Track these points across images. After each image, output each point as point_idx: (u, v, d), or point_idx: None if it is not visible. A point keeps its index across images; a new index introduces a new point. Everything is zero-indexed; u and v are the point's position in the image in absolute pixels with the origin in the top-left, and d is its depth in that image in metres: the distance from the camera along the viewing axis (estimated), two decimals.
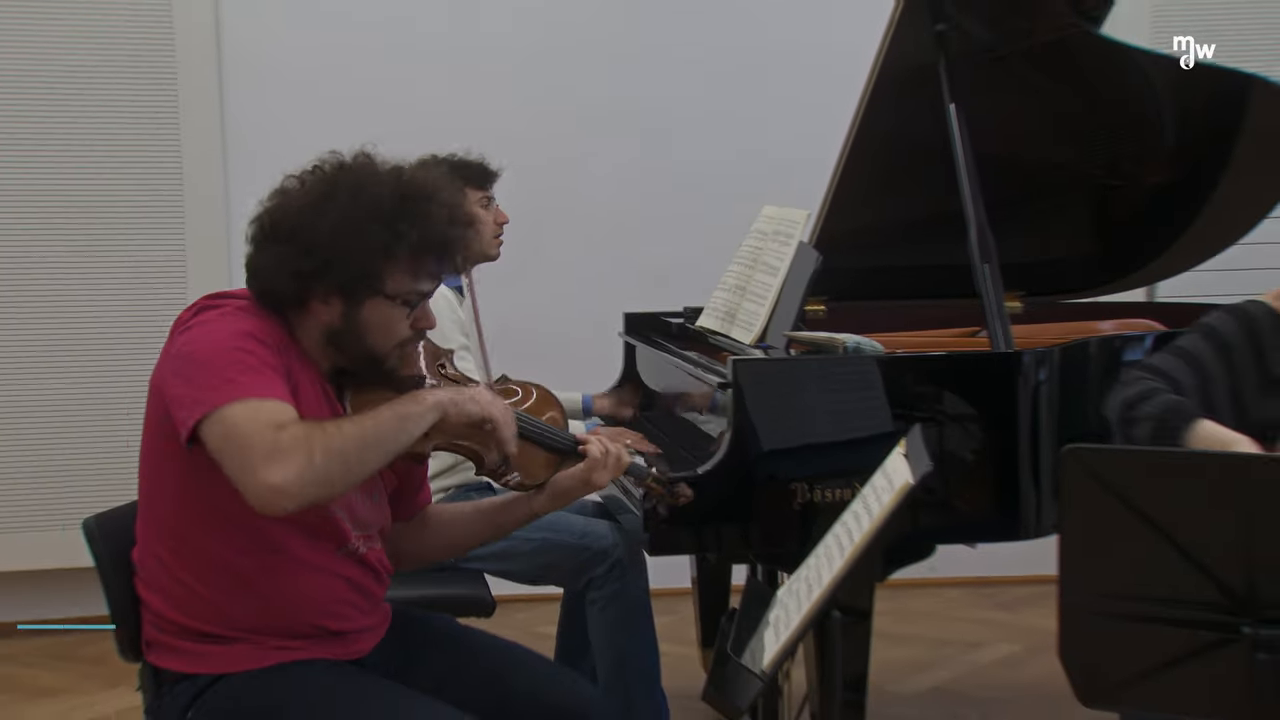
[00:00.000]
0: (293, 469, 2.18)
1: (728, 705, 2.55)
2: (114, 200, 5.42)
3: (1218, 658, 2.21)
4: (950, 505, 3.49)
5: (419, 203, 2.43)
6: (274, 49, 5.52)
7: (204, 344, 2.34)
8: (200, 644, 2.44)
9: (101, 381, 5.39)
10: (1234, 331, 3.01)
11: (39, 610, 5.19)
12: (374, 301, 2.43)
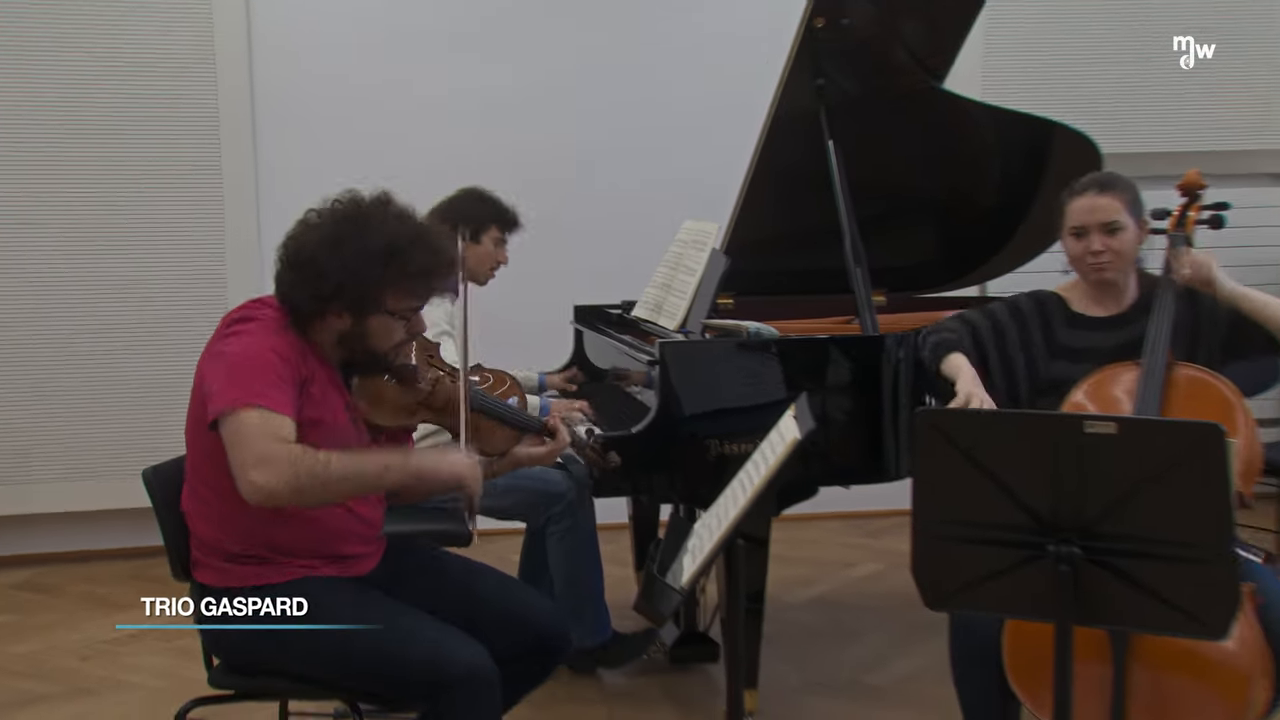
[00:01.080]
0: (275, 477, 2.26)
1: (654, 614, 2.61)
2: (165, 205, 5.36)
3: (1030, 569, 2.25)
4: (830, 455, 3.53)
5: (412, 246, 2.49)
6: (296, 99, 5.49)
7: (240, 351, 2.40)
8: (236, 564, 2.50)
9: (153, 359, 5.33)
10: (1030, 306, 3.11)
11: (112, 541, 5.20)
12: (376, 316, 2.51)
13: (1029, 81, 5.72)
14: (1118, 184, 3.01)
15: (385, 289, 2.49)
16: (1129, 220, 2.98)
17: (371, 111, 5.51)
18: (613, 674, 4.04)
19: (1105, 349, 2.99)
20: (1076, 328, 3.07)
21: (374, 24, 5.56)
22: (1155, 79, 5.97)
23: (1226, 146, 6.00)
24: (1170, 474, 2.15)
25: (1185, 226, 3.11)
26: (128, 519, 4.79)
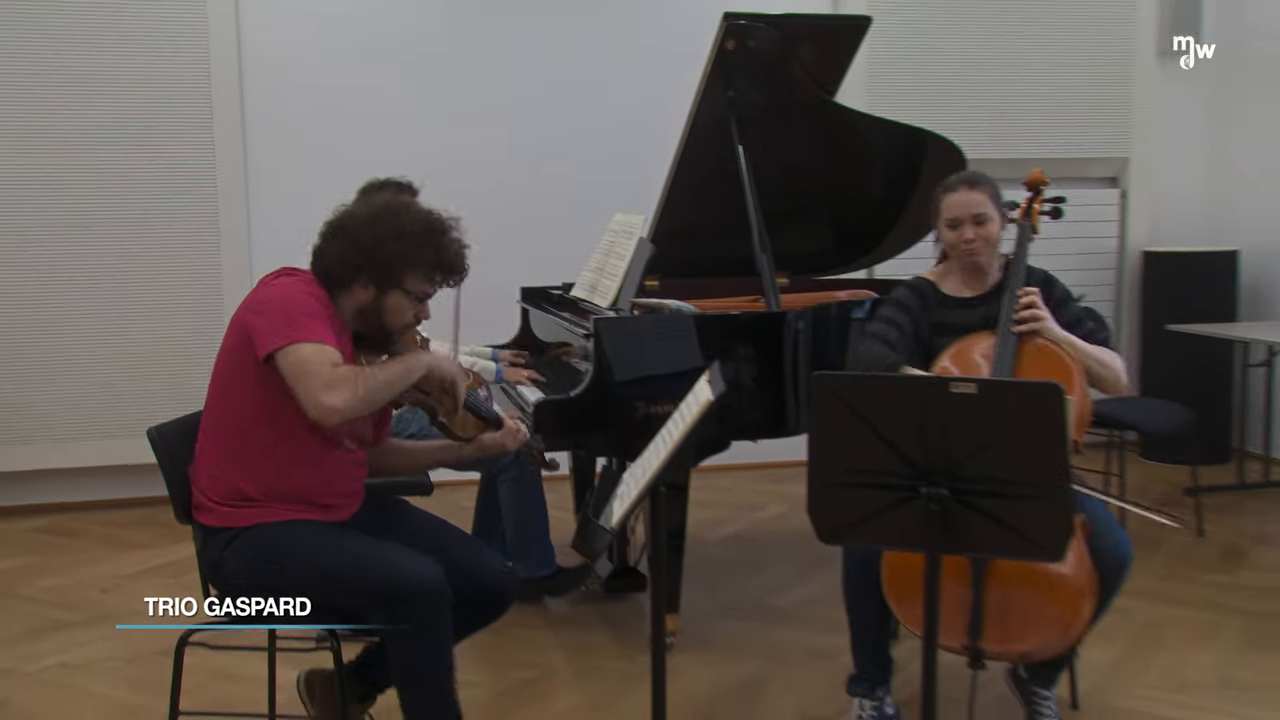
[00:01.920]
0: (344, 395, 2.34)
1: (589, 550, 2.66)
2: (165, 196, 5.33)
3: (905, 508, 2.31)
4: (740, 414, 3.59)
5: (439, 234, 2.56)
6: (281, 103, 5.45)
7: (286, 295, 2.47)
8: (235, 507, 2.52)
9: (155, 336, 5.29)
10: (909, 296, 3.15)
11: (126, 491, 5.19)
12: (395, 293, 2.55)
13: (907, 95, 5.78)
14: (984, 181, 3.07)
15: (409, 268, 2.53)
16: (994, 212, 3.05)
17: (348, 116, 5.47)
18: (556, 602, 4.08)
19: (972, 323, 3.04)
20: (947, 307, 3.12)
21: (350, 39, 5.51)
22: (1010, 96, 6.07)
23: (1067, 154, 6.12)
24: (1019, 426, 2.22)
25: (1031, 216, 3.20)
26: (139, 472, 4.73)
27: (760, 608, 4.07)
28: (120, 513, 5.20)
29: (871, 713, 2.97)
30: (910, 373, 2.95)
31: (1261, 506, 5.28)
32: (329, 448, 2.58)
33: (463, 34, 5.62)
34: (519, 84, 5.64)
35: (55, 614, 4.07)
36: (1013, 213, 3.17)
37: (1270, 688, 3.38)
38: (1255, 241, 6.04)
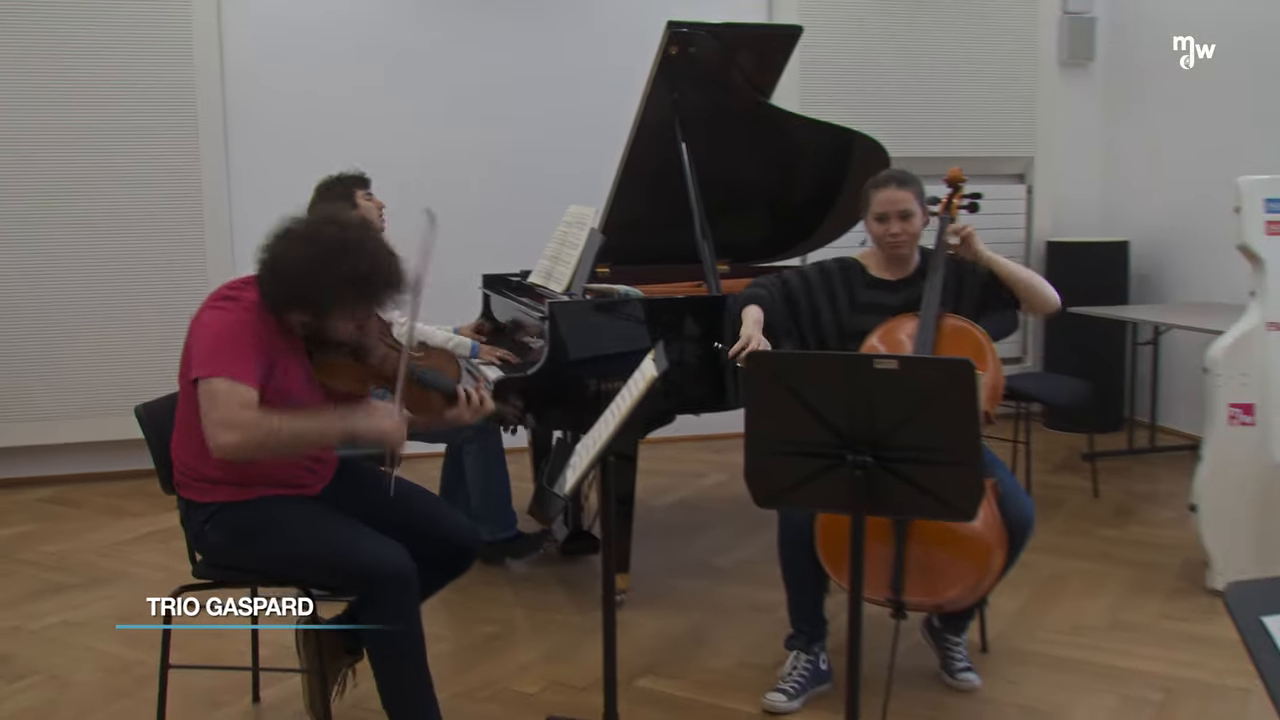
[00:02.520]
0: (236, 439, 2.25)
1: (543, 515, 2.63)
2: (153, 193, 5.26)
3: (834, 474, 2.29)
4: (684, 390, 3.57)
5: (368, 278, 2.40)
6: (260, 110, 5.36)
7: (220, 324, 2.37)
8: (213, 485, 2.47)
9: (142, 323, 5.25)
10: (836, 269, 3.14)
11: (122, 465, 5.13)
12: (330, 318, 2.44)
13: (836, 98, 5.76)
14: (912, 181, 3.05)
15: (339, 307, 2.41)
16: (918, 209, 3.03)
17: (324, 116, 5.39)
18: (517, 563, 4.04)
19: (895, 304, 3.05)
20: (873, 288, 3.11)
21: (326, 45, 5.42)
22: (929, 100, 6.08)
23: (980, 153, 6.13)
24: (935, 399, 2.21)
25: (951, 210, 3.19)
26: (135, 446, 4.71)
27: (703, 567, 4.06)
28: (118, 484, 5.15)
29: (806, 667, 2.97)
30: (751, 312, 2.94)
31: (1148, 469, 5.35)
32: None
33: (430, 41, 5.55)
34: (482, 87, 5.59)
35: (57, 577, 4.03)
36: (934, 207, 3.16)
37: (1152, 627, 3.44)
38: (1143, 233, 6.10)
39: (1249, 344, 3.58)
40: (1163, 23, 5.98)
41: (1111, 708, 2.91)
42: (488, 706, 2.96)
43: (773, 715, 2.88)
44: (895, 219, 3.02)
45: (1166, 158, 5.98)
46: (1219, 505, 3.61)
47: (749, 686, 3.03)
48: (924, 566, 2.73)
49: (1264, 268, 3.58)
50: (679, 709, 2.94)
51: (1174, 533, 4.30)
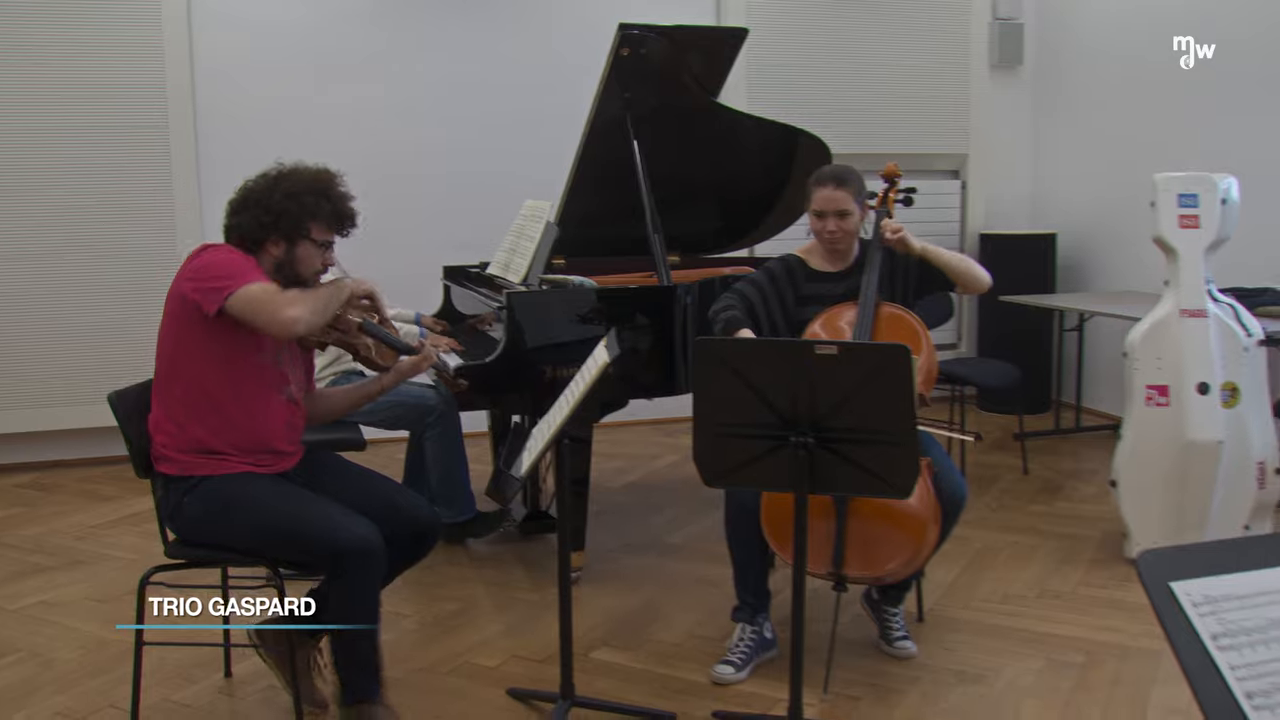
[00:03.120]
0: (302, 308, 2.38)
1: (500, 496, 2.64)
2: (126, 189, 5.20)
3: (777, 454, 2.33)
4: (636, 376, 3.58)
5: (331, 186, 2.58)
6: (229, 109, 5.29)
7: (218, 258, 2.47)
8: (193, 458, 2.48)
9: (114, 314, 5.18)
10: (780, 269, 3.15)
11: (99, 451, 5.09)
12: (303, 243, 2.54)
13: (781, 97, 5.78)
14: (850, 180, 3.07)
15: (311, 219, 2.54)
16: (856, 207, 3.05)
17: (291, 116, 5.33)
18: (477, 543, 4.03)
19: (836, 294, 3.08)
20: (815, 281, 3.13)
21: (292, 47, 5.37)
22: (870, 99, 6.12)
23: (917, 150, 6.19)
24: (873, 382, 2.25)
25: (888, 204, 3.23)
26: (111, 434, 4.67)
27: (656, 544, 4.08)
28: (93, 469, 5.12)
29: (752, 636, 2.99)
30: (744, 335, 2.96)
31: (1074, 448, 5.44)
32: (275, 396, 2.55)
33: (394, 43, 5.50)
34: (444, 88, 5.55)
35: (36, 559, 3.99)
36: (871, 200, 3.20)
37: (1076, 595, 3.51)
38: (1069, 226, 6.19)
39: (1164, 330, 3.65)
40: (1085, 28, 6.08)
41: (1038, 670, 2.97)
42: (450, 680, 2.96)
43: (722, 686, 2.90)
44: (832, 217, 3.04)
45: (1090, 156, 6.08)
46: (1136, 480, 3.69)
47: (699, 657, 3.05)
48: (864, 541, 2.77)
49: (1177, 259, 3.66)
50: (632, 679, 2.95)
51: (1096, 507, 4.38)
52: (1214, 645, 1.19)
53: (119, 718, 2.65)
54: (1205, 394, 3.57)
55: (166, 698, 2.84)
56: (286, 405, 2.60)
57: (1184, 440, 3.59)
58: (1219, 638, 1.19)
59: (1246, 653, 1.18)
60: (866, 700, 2.80)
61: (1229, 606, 1.21)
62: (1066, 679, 2.91)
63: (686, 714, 2.73)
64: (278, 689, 2.77)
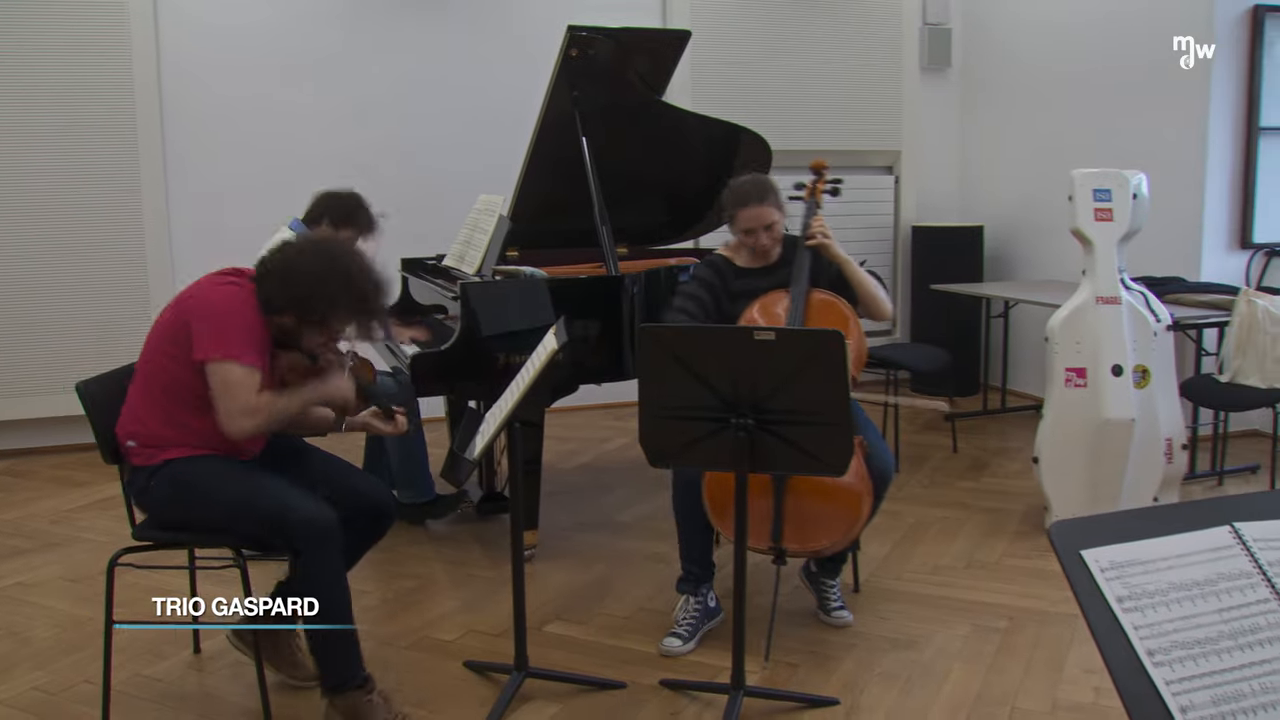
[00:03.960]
0: (257, 422, 2.34)
1: (454, 479, 2.62)
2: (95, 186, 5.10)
3: (719, 436, 2.35)
4: (586, 362, 3.57)
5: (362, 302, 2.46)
6: (195, 108, 5.20)
7: (229, 307, 2.39)
8: (160, 445, 2.45)
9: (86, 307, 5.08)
10: (708, 271, 3.15)
11: (72, 439, 5.01)
12: (313, 327, 2.47)
13: (724, 96, 5.80)
14: (770, 192, 3.05)
15: (337, 317, 2.46)
16: (779, 216, 3.06)
17: (254, 115, 5.27)
18: (436, 524, 4.02)
19: (764, 288, 3.07)
20: (742, 277, 3.12)
21: (256, 48, 5.28)
22: (808, 98, 6.15)
23: (853, 147, 6.24)
24: (809, 366, 2.26)
25: (816, 195, 3.24)
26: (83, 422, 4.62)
27: (607, 522, 4.08)
28: (66, 456, 5.06)
29: (697, 605, 3.01)
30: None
31: (1001, 427, 5.53)
32: None
33: (354, 44, 5.43)
34: (402, 86, 5.50)
35: (13, 542, 3.94)
36: (800, 192, 3.21)
37: (1001, 565, 3.57)
38: (995, 219, 6.27)
39: (1082, 316, 3.72)
40: (1007, 34, 6.15)
41: (964, 635, 3.02)
42: (409, 653, 2.95)
43: (670, 658, 2.91)
44: (762, 232, 3.04)
45: (1013, 153, 6.16)
46: (1056, 457, 3.75)
47: (648, 629, 3.06)
48: (801, 517, 2.79)
49: (1093, 249, 3.72)
50: (584, 651, 2.96)
51: (1020, 482, 4.46)
52: (1119, 607, 1.21)
53: (93, 692, 2.63)
54: (1119, 376, 3.64)
55: (138, 673, 2.83)
56: None
57: (1100, 419, 3.65)
58: (1124, 600, 1.22)
59: (1149, 614, 1.21)
60: (805, 667, 2.83)
61: (1133, 571, 1.24)
62: (991, 643, 2.96)
63: (636, 683, 2.74)
64: (245, 664, 2.75)
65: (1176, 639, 1.19)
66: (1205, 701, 1.14)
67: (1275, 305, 4.09)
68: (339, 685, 2.47)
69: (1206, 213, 4.95)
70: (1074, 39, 5.62)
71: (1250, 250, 4.76)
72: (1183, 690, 1.15)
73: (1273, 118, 4.95)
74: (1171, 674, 1.16)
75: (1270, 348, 4.06)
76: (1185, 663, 1.17)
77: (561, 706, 2.64)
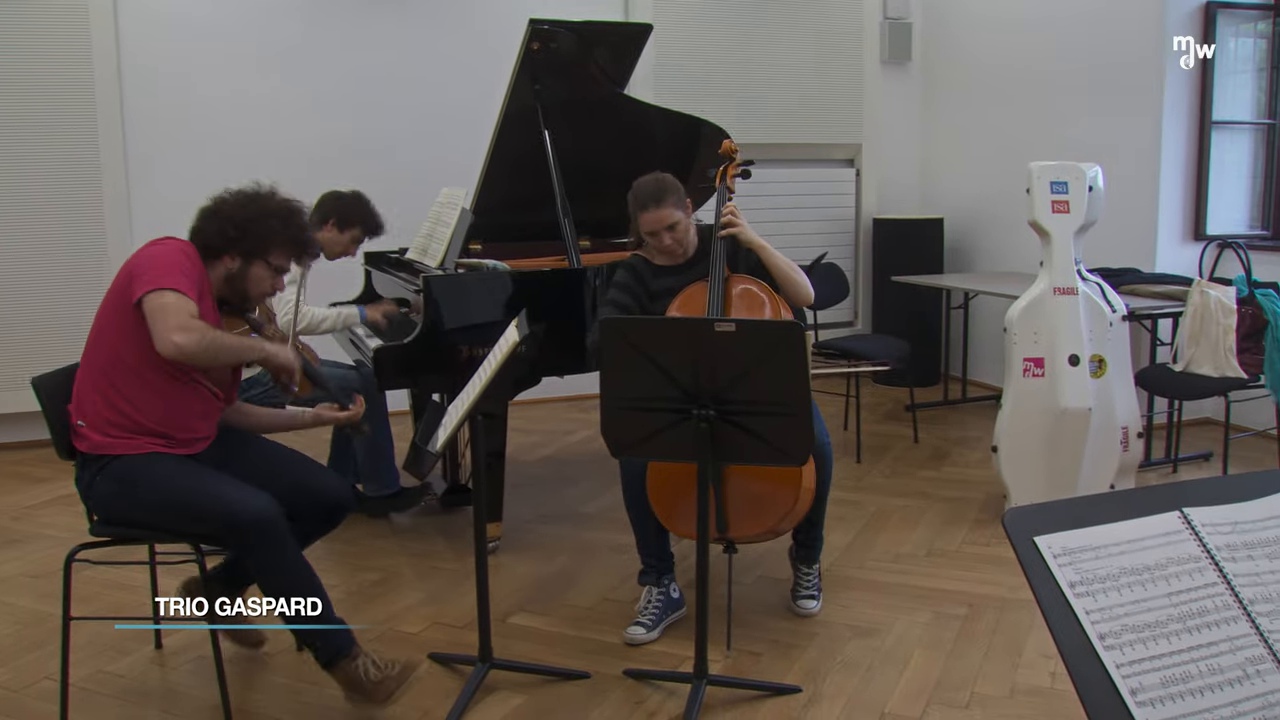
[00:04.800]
0: (192, 338, 2.28)
1: (416, 471, 2.62)
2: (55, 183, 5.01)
3: (682, 426, 2.35)
4: (548, 355, 3.56)
5: (297, 219, 2.54)
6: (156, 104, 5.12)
7: (166, 254, 2.41)
8: (111, 438, 2.43)
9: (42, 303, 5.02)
10: (628, 272, 3.14)
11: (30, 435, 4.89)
12: (258, 264, 2.51)
13: (685, 89, 5.78)
14: (668, 193, 3.01)
15: (273, 245, 2.50)
16: (680, 214, 3.03)
17: (215, 111, 5.20)
18: (400, 516, 4.00)
19: (682, 284, 3.04)
20: (661, 276, 3.11)
21: (216, 44, 5.21)
22: (770, 92, 6.16)
23: (814, 140, 6.26)
24: (769, 357, 2.27)
25: (728, 180, 3.23)
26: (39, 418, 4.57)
27: (571, 514, 4.07)
28: (26, 453, 4.96)
29: (659, 598, 3.01)
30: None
31: (961, 417, 5.57)
32: (191, 386, 2.48)
33: (316, 37, 5.37)
34: (363, 80, 5.44)
35: None
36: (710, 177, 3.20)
37: (960, 553, 3.60)
38: (955, 211, 6.32)
39: (1040, 307, 3.75)
40: (967, 29, 6.19)
41: (925, 622, 3.04)
42: (374, 646, 2.89)
43: (634, 646, 2.91)
44: (664, 233, 3.03)
45: (973, 146, 6.21)
46: (1015, 446, 3.79)
47: (612, 620, 3.06)
48: (743, 503, 2.79)
49: (1050, 241, 3.76)
50: (549, 642, 2.95)
51: (980, 471, 4.50)
52: (1071, 592, 1.23)
53: (55, 689, 2.58)
54: (1076, 365, 3.69)
55: (100, 669, 2.80)
56: (205, 395, 2.53)
57: (1057, 408, 3.70)
58: (1075, 585, 1.23)
59: (1100, 598, 1.22)
60: (768, 656, 2.84)
61: (1085, 557, 1.25)
62: (951, 629, 2.99)
63: (600, 673, 2.74)
64: (206, 658, 2.71)
65: (1127, 623, 1.20)
66: (1155, 684, 1.16)
67: (1227, 296, 4.16)
68: (332, 659, 2.47)
69: (1161, 205, 5.02)
70: (1032, 34, 5.67)
71: (1203, 242, 4.82)
72: (1133, 673, 1.16)
73: (1225, 112, 5.02)
74: (1122, 657, 1.17)
75: (1222, 337, 4.12)
76: (1135, 646, 1.18)
77: (526, 697, 2.63)
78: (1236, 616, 1.22)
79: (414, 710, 2.58)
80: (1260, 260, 4.47)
